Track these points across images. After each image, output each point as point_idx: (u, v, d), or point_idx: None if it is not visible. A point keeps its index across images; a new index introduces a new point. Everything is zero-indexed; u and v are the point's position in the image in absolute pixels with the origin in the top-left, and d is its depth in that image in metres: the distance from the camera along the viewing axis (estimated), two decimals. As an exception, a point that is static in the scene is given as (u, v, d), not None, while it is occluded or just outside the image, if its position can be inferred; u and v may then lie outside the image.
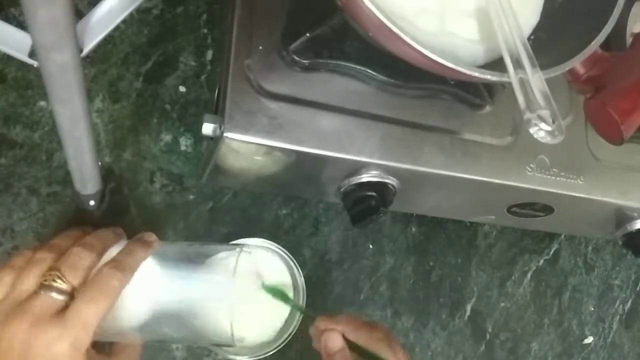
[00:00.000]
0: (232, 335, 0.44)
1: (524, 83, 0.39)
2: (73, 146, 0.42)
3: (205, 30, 0.62)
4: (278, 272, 0.60)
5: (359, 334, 0.49)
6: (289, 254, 0.59)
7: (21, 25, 0.48)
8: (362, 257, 0.67)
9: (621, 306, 0.81)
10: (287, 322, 0.59)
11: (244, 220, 0.62)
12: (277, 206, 0.64)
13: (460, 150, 0.54)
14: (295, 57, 0.49)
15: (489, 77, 0.41)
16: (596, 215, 0.65)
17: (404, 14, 0.44)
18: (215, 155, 0.50)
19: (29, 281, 0.39)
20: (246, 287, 0.58)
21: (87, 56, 0.56)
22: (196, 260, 0.46)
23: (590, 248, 0.80)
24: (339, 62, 0.50)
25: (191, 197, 0.60)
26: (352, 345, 0.49)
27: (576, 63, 0.44)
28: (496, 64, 0.45)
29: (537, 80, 0.39)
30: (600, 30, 0.44)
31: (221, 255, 0.49)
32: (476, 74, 0.41)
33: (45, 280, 0.39)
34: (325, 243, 0.66)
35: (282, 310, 0.59)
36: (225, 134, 0.46)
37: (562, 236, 0.78)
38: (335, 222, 0.66)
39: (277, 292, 0.57)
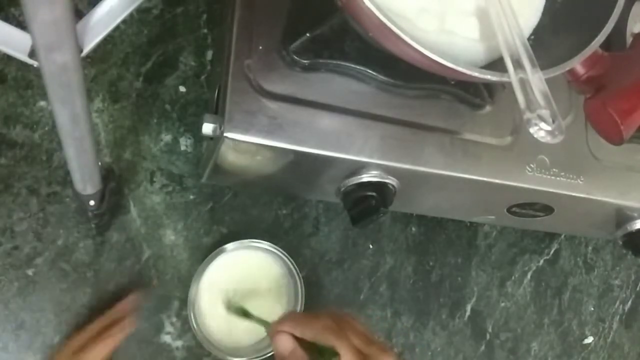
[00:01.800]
0: None
1: (524, 83, 0.39)
2: (73, 146, 0.42)
3: (205, 30, 0.62)
4: (276, 274, 0.60)
5: (304, 329, 0.47)
6: (288, 255, 0.59)
7: (21, 25, 0.48)
8: (362, 257, 0.67)
9: (621, 306, 0.81)
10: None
11: (244, 220, 0.62)
12: (277, 206, 0.64)
13: (460, 150, 0.54)
14: (295, 57, 0.49)
15: (489, 77, 0.41)
16: (596, 215, 0.65)
17: (403, 14, 0.44)
18: (215, 155, 0.50)
19: None
20: (245, 287, 0.59)
21: (87, 56, 0.56)
22: None
23: (590, 248, 0.80)
24: (339, 62, 0.50)
25: (191, 197, 0.60)
26: (302, 344, 0.46)
27: (576, 63, 0.44)
28: (496, 64, 0.45)
29: (537, 80, 0.39)
30: (600, 30, 0.44)
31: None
32: (476, 74, 0.41)
33: None
34: (325, 243, 0.66)
35: (281, 311, 0.59)
36: (225, 134, 0.46)
37: (562, 236, 0.78)
38: (335, 222, 0.66)
39: (239, 311, 0.57)
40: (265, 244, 0.59)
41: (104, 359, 0.52)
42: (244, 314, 0.56)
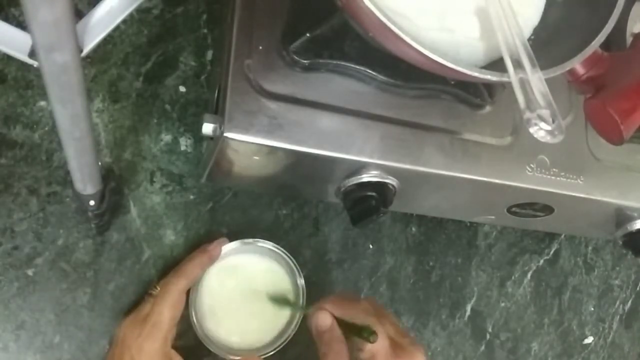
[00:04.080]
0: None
1: (524, 83, 0.39)
2: (73, 146, 0.42)
3: (205, 30, 0.62)
4: (277, 273, 0.60)
5: (344, 310, 0.50)
6: (289, 255, 0.59)
7: (21, 25, 0.48)
8: (362, 257, 0.67)
9: (621, 306, 0.81)
10: (287, 322, 0.59)
11: (244, 220, 0.62)
12: (277, 206, 0.64)
13: (460, 150, 0.54)
14: (295, 57, 0.49)
15: (489, 77, 0.41)
16: (596, 215, 0.65)
17: (403, 12, 0.44)
18: (215, 155, 0.50)
19: None
20: (246, 287, 0.59)
21: (87, 56, 0.56)
22: None
23: (590, 248, 0.80)
24: (339, 62, 0.50)
25: (191, 197, 0.60)
26: (340, 322, 0.49)
27: (576, 63, 0.44)
28: (496, 64, 0.45)
29: (537, 80, 0.39)
30: (600, 30, 0.44)
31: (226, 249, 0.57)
32: (476, 74, 0.41)
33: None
34: (325, 243, 0.66)
35: (282, 311, 0.59)
36: (225, 134, 0.46)
37: (562, 236, 0.78)
38: (335, 222, 0.66)
39: (280, 300, 0.58)
40: (266, 244, 0.59)
41: (196, 278, 0.56)
42: (285, 301, 0.58)
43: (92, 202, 0.51)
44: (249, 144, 0.47)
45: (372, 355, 0.47)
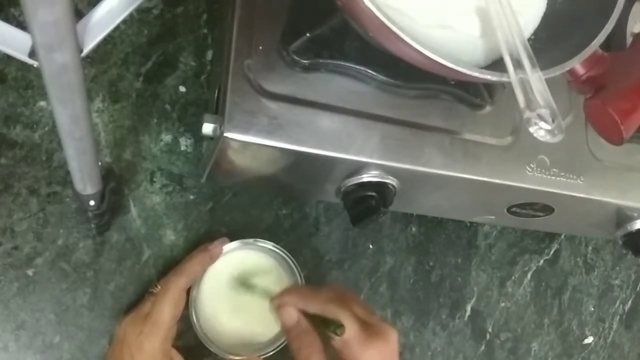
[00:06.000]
0: None
1: (523, 83, 0.39)
2: (73, 146, 0.42)
3: (205, 30, 0.62)
4: (277, 273, 0.59)
5: (307, 302, 0.50)
6: (289, 255, 0.59)
7: (21, 25, 0.48)
8: (362, 257, 0.67)
9: (621, 306, 0.81)
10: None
11: (244, 220, 0.62)
12: (277, 206, 0.64)
13: (460, 150, 0.54)
14: (295, 57, 0.49)
15: (489, 77, 0.41)
16: (596, 215, 0.65)
17: (404, 11, 0.44)
18: (215, 155, 0.50)
19: None
20: (246, 286, 0.59)
21: (87, 56, 0.56)
22: None
23: (590, 248, 0.80)
24: (339, 62, 0.50)
25: (191, 197, 0.60)
26: (307, 315, 0.49)
27: (576, 63, 0.44)
28: (496, 64, 0.45)
29: (537, 80, 0.39)
30: (600, 30, 0.44)
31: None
32: (476, 74, 0.41)
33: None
34: (326, 243, 0.66)
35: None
36: (225, 134, 0.46)
37: (562, 236, 0.78)
38: (335, 222, 0.66)
39: (244, 283, 0.57)
40: (266, 243, 0.59)
41: (197, 276, 0.55)
42: (248, 286, 0.57)
43: (92, 202, 0.51)
44: (249, 144, 0.47)
45: (345, 342, 0.47)
